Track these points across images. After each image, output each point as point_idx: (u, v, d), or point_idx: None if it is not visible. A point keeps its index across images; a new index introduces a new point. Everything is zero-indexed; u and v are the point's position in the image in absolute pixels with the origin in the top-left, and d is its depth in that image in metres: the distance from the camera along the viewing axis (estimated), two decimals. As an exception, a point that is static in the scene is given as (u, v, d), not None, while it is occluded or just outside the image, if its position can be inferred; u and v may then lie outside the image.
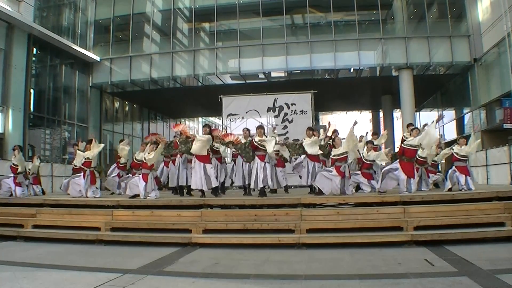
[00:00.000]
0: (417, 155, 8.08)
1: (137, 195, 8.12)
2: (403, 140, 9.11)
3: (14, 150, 9.65)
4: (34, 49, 16.24)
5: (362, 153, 8.83)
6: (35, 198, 8.99)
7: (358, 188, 8.93)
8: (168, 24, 19.17)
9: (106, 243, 6.75)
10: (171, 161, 9.63)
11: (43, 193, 10.42)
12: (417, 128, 8.71)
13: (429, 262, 4.89)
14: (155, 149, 8.19)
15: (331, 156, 7.96)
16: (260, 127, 8.19)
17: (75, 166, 10.11)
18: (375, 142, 9.60)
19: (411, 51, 16.82)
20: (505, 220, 6.18)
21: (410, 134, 8.47)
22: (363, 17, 18.32)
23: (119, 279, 4.45)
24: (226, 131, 8.75)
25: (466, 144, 8.23)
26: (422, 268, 4.67)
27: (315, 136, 8.70)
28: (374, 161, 8.76)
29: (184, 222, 6.91)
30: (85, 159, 8.90)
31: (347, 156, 7.80)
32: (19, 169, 9.36)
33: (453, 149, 8.27)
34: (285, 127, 15.05)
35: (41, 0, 17.78)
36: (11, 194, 9.23)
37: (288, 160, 9.78)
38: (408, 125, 9.99)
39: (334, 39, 17.29)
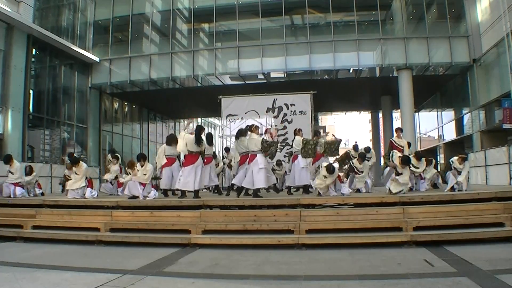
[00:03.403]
0: None
1: (136, 197, 8.14)
2: (392, 144, 9.16)
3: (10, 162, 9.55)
4: (34, 50, 16.24)
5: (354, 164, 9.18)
6: (35, 199, 8.97)
7: (357, 190, 9.09)
8: (168, 24, 19.19)
9: (105, 243, 6.74)
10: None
11: (42, 194, 10.41)
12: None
13: (429, 263, 4.89)
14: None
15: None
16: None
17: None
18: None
19: (411, 52, 16.85)
20: (504, 220, 6.19)
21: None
22: (362, 17, 18.35)
23: (119, 280, 4.45)
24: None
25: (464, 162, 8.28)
26: (421, 269, 4.67)
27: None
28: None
29: (184, 222, 6.91)
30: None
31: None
32: (18, 179, 9.39)
33: (452, 162, 8.28)
34: (285, 127, 15.06)
35: (40, 0, 17.79)
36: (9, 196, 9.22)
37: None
38: (396, 129, 10.09)
39: (334, 39, 17.32)
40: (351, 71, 18.99)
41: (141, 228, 6.97)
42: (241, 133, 8.35)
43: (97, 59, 18.89)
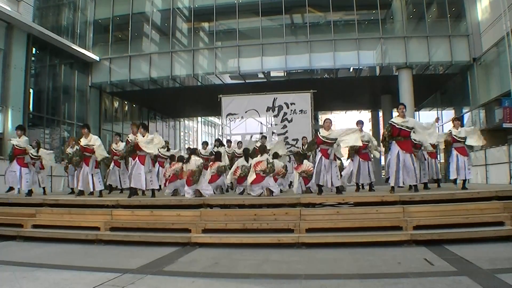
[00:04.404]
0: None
1: (136, 193, 8.21)
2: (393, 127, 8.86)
3: (17, 130, 9.37)
4: (34, 49, 16.24)
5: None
6: (35, 198, 8.96)
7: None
8: (168, 23, 19.20)
9: (105, 242, 6.73)
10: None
11: (44, 192, 10.40)
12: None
13: (429, 262, 4.89)
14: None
15: (320, 135, 7.83)
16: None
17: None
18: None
19: (411, 51, 16.85)
20: (504, 219, 6.18)
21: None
22: (362, 16, 18.35)
23: (119, 279, 4.45)
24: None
25: (462, 126, 8.54)
26: (421, 268, 4.66)
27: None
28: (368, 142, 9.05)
29: (184, 221, 6.90)
30: (87, 146, 8.73)
31: (334, 142, 7.82)
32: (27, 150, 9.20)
33: (451, 131, 8.35)
34: (285, 126, 15.06)
35: (40, 0, 17.77)
36: (9, 190, 9.19)
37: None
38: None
39: (334, 38, 17.31)
40: (351, 70, 18.99)
41: (141, 227, 6.97)
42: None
43: (97, 58, 18.88)
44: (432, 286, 3.90)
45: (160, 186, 10.44)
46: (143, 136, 8.21)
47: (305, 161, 8.85)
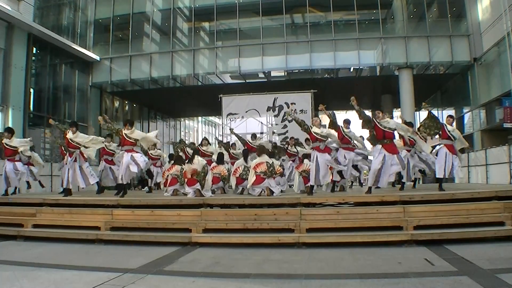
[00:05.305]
0: None
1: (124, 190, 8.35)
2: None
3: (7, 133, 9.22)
4: (34, 49, 16.26)
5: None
6: (35, 197, 8.96)
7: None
8: (168, 23, 19.20)
9: (106, 242, 6.73)
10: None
11: (41, 186, 10.47)
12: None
13: (429, 262, 4.89)
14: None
15: (312, 132, 7.91)
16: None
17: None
18: None
19: (411, 51, 16.85)
20: (504, 219, 6.18)
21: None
22: (363, 16, 18.36)
23: (119, 279, 4.45)
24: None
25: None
26: (422, 268, 4.66)
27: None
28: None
29: (184, 221, 6.90)
30: (71, 141, 8.66)
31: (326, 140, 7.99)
32: (22, 149, 9.23)
33: (445, 125, 8.24)
34: (285, 126, 15.08)
35: (40, -1, 17.81)
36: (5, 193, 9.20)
37: None
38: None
39: (334, 38, 17.32)
40: (351, 70, 19.01)
41: (141, 227, 6.97)
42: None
43: (97, 57, 18.90)
44: (432, 286, 3.90)
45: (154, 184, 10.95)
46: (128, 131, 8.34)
47: (305, 160, 8.84)
